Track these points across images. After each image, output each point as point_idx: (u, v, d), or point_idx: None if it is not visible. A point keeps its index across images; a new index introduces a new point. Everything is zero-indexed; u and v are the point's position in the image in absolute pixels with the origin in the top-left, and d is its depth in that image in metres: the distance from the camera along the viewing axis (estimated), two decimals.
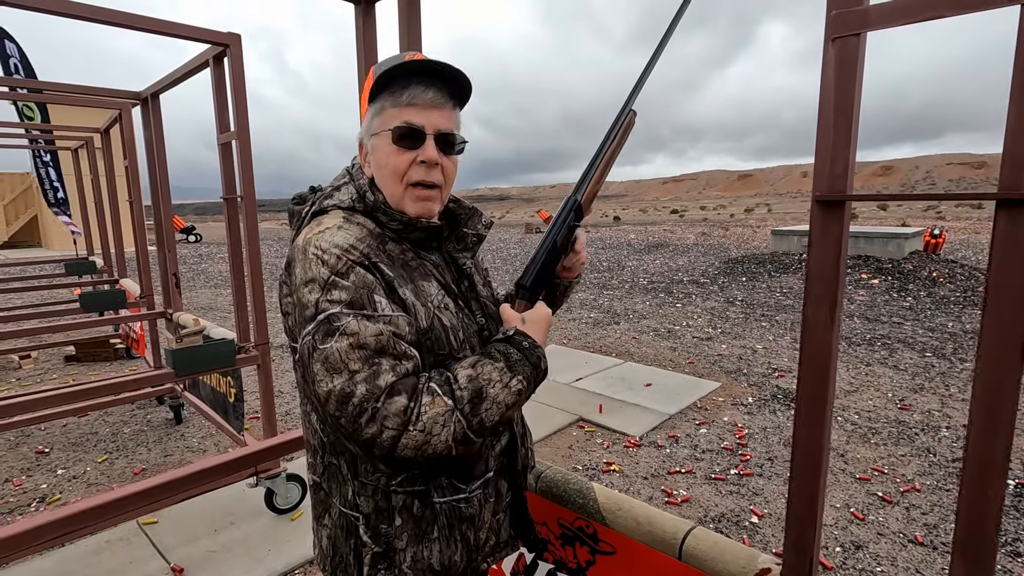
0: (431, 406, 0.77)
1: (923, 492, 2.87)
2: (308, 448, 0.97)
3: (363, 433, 0.76)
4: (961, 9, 0.74)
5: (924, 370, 4.87)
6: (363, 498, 0.88)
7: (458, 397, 0.79)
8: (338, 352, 0.76)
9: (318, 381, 0.77)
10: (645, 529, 1.19)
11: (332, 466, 0.91)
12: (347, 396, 0.75)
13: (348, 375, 0.75)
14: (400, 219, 0.90)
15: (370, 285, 0.81)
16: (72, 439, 3.65)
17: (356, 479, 0.89)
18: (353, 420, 0.75)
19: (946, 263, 9.41)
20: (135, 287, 4.31)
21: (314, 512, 0.98)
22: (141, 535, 2.52)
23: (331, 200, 0.92)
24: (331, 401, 0.76)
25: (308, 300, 0.79)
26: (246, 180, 2.44)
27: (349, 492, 0.89)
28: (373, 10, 1.71)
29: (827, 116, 0.89)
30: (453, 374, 0.82)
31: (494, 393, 0.81)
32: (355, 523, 0.89)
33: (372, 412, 0.75)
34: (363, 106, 0.94)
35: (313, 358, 0.77)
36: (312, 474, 0.96)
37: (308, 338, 0.79)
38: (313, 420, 0.92)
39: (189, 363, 2.31)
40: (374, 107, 0.90)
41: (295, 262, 0.83)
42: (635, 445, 3.48)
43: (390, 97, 0.88)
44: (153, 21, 2.22)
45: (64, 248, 12.45)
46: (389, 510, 0.88)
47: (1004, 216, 0.75)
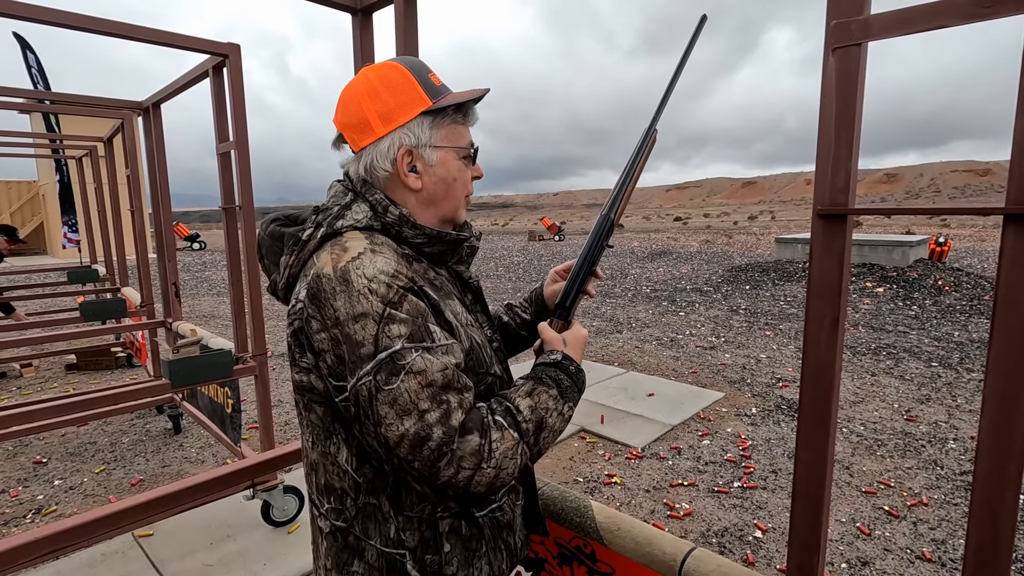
0: (501, 441, 0.76)
1: (931, 506, 2.82)
2: (328, 493, 0.86)
3: (440, 476, 0.73)
4: (964, 19, 0.72)
5: (930, 380, 4.81)
6: (409, 532, 0.84)
7: (524, 430, 0.79)
8: (407, 393, 0.72)
9: (387, 424, 0.72)
10: (644, 550, 1.16)
11: (369, 506, 0.84)
12: (422, 440, 0.72)
13: (418, 416, 0.72)
14: (427, 232, 0.87)
15: (423, 313, 0.77)
16: (70, 449, 3.63)
17: (401, 514, 0.84)
18: (431, 464, 0.73)
19: (952, 271, 9.35)
20: (136, 296, 4.31)
21: (335, 562, 0.88)
22: (136, 548, 2.49)
23: (343, 221, 0.83)
24: (403, 445, 0.72)
25: (363, 337, 0.73)
26: (245, 190, 2.43)
27: (392, 530, 0.84)
28: (371, 20, 1.71)
29: (828, 128, 0.87)
30: (514, 404, 0.81)
31: (551, 422, 0.83)
32: (400, 560, 0.85)
33: (449, 455, 0.73)
34: (396, 111, 0.84)
35: (378, 400, 0.72)
36: (334, 520, 0.86)
37: (369, 379, 0.72)
38: (342, 460, 0.84)
39: (186, 374, 2.30)
40: (437, 120, 0.86)
41: (331, 295, 0.74)
42: (637, 457, 3.44)
43: (457, 115, 0.88)
44: (154, 32, 2.23)
45: (69, 256, 12.52)
46: (436, 539, 0.85)
47: (1012, 230, 0.73)
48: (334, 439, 0.84)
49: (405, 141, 0.84)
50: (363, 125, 0.85)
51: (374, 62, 1.73)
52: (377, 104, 0.84)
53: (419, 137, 0.85)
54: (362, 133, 0.85)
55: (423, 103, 0.84)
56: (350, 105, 0.86)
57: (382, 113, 0.84)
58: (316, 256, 0.81)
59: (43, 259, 18.85)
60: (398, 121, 0.84)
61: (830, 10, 0.85)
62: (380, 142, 0.84)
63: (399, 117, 0.84)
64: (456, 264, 0.97)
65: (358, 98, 0.85)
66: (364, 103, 0.84)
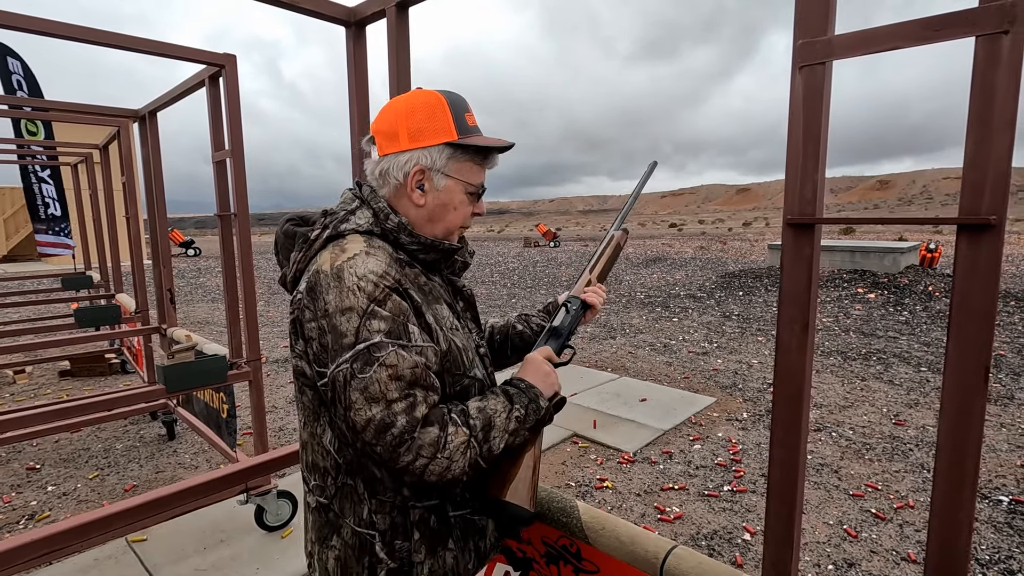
0: (455, 436, 0.84)
1: (916, 509, 2.86)
2: (314, 470, 0.95)
3: (399, 461, 0.81)
4: (917, 41, 0.77)
5: (919, 385, 4.87)
6: (380, 516, 0.91)
7: (472, 426, 0.87)
8: (378, 382, 0.79)
9: (356, 409, 0.80)
10: (628, 548, 1.19)
11: (347, 486, 0.92)
12: (386, 426, 0.80)
13: (386, 405, 0.80)
14: (422, 241, 0.94)
15: (405, 312, 0.85)
16: (64, 455, 3.63)
17: (374, 497, 0.91)
18: (392, 449, 0.80)
19: (942, 277, 9.45)
20: (131, 302, 4.33)
21: (318, 535, 0.97)
22: (130, 553, 2.50)
23: (347, 224, 0.91)
24: (369, 429, 0.80)
25: (346, 328, 0.80)
26: (240, 197, 2.47)
27: (365, 511, 0.91)
28: (364, 32, 1.75)
29: (796, 142, 0.91)
30: (466, 406, 0.89)
31: (499, 422, 0.90)
32: (370, 541, 0.91)
33: (409, 442, 0.80)
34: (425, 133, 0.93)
35: (351, 386, 0.80)
36: (318, 496, 0.95)
37: (346, 366, 0.80)
38: (326, 441, 0.92)
39: (180, 380, 2.32)
40: (457, 154, 0.94)
41: (325, 289, 0.83)
42: (629, 461, 3.47)
43: (477, 155, 0.97)
44: (151, 43, 2.27)
45: (62, 263, 12.48)
46: (406, 525, 0.92)
47: (964, 240, 0.77)
48: (320, 421, 0.92)
49: (422, 161, 0.93)
50: (393, 135, 0.94)
51: (367, 73, 1.78)
52: (410, 122, 0.93)
53: (435, 162, 0.93)
54: (390, 141, 0.94)
55: (449, 135, 0.93)
56: (389, 115, 0.95)
57: (412, 131, 0.93)
58: (319, 254, 0.89)
59: (36, 266, 18.77)
60: (423, 142, 0.93)
61: (797, 30, 0.89)
62: (401, 154, 0.93)
63: (425, 139, 0.93)
64: (449, 274, 1.05)
65: (397, 111, 0.94)
66: (400, 117, 0.93)
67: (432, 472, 0.82)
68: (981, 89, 0.74)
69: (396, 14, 1.57)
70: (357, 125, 1.76)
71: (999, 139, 0.73)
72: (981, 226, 0.75)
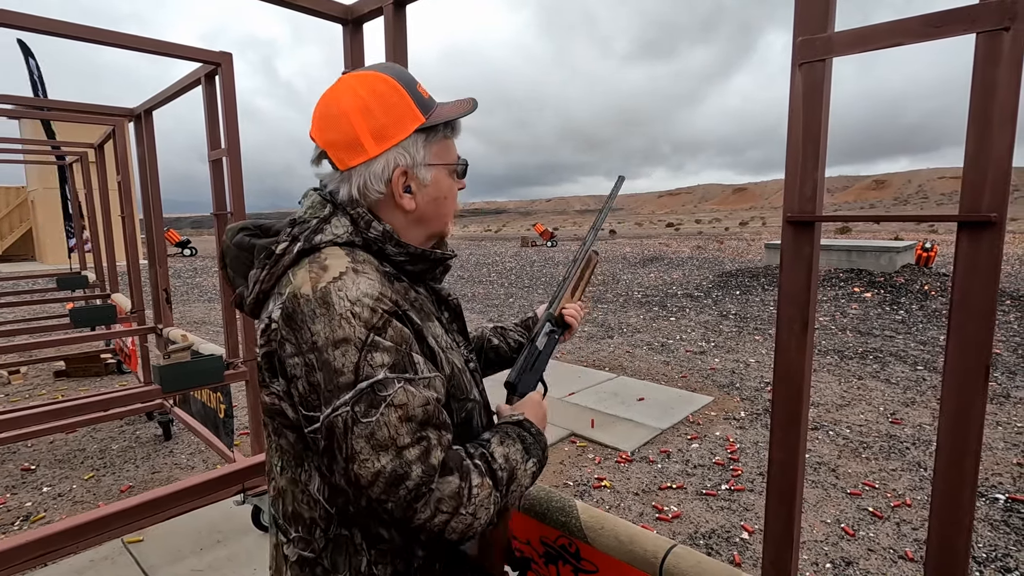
0: (480, 488, 0.73)
1: (914, 507, 2.87)
2: (295, 521, 0.81)
3: (416, 519, 0.69)
4: (918, 38, 0.76)
5: (916, 384, 4.88)
6: (381, 567, 0.80)
7: (499, 479, 0.76)
8: (387, 426, 0.68)
9: (361, 461, 0.68)
10: (627, 547, 1.19)
11: (342, 538, 0.79)
12: (399, 478, 0.68)
13: (396, 453, 0.68)
14: (410, 251, 0.83)
15: (407, 340, 0.73)
16: (59, 456, 3.61)
17: (374, 548, 0.80)
18: (407, 506, 0.68)
19: (938, 276, 9.48)
20: (126, 302, 4.30)
21: None
22: (126, 554, 2.48)
23: (322, 235, 0.78)
24: (378, 484, 0.68)
25: (342, 364, 0.68)
26: (236, 197, 2.45)
27: (363, 563, 0.79)
28: (361, 30, 1.74)
29: (796, 139, 0.91)
30: (489, 451, 0.79)
31: (519, 476, 0.80)
32: None
33: (427, 495, 0.69)
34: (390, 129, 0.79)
35: (353, 433, 0.67)
36: (303, 550, 0.81)
37: (345, 409, 0.67)
38: (313, 489, 0.78)
39: (176, 379, 2.31)
40: (430, 137, 0.83)
41: (309, 318, 0.70)
42: (627, 460, 3.47)
43: (447, 129, 0.85)
44: (148, 41, 2.25)
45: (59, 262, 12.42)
46: (408, 572, 0.82)
47: (965, 238, 0.77)
48: (305, 466, 0.79)
49: (401, 162, 0.80)
50: (353, 143, 0.78)
51: None
52: (369, 122, 0.78)
53: (414, 157, 0.81)
54: (351, 152, 0.79)
55: (416, 120, 0.80)
56: (337, 121, 0.79)
57: (375, 131, 0.78)
58: (292, 273, 0.75)
59: (32, 265, 18.68)
60: (392, 140, 0.79)
61: (797, 28, 0.89)
62: (373, 163, 0.79)
63: (393, 135, 0.79)
64: (431, 282, 0.93)
65: (347, 114, 0.78)
66: (355, 120, 0.78)
67: (454, 529, 0.71)
68: (982, 86, 0.73)
69: (393, 12, 1.56)
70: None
71: (1000, 136, 0.73)
72: (981, 223, 0.74)
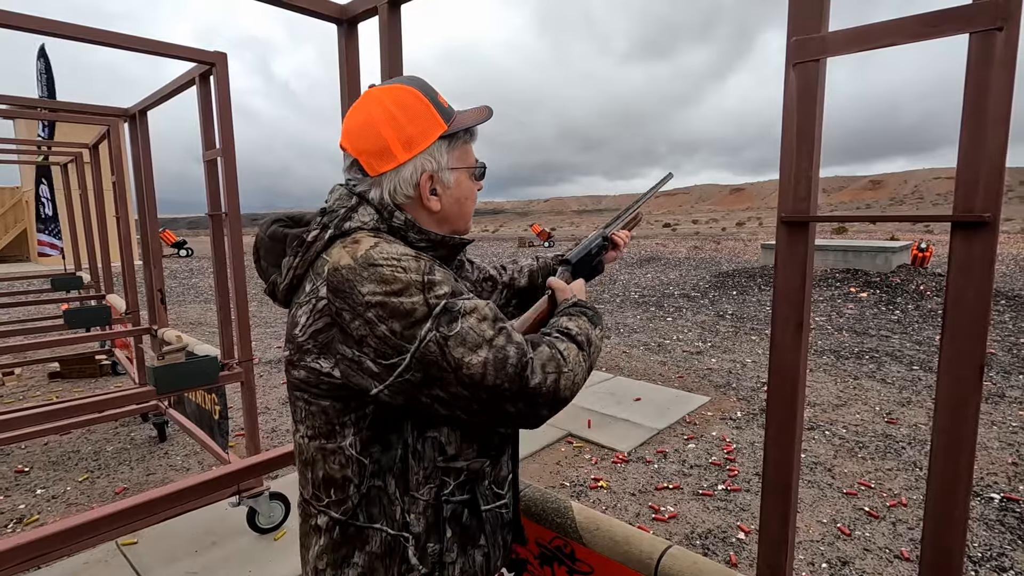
0: (568, 350, 0.83)
1: (909, 507, 2.87)
2: (328, 485, 0.86)
3: (530, 385, 0.77)
4: (913, 37, 0.76)
5: (911, 383, 4.89)
6: (414, 515, 0.86)
7: (579, 342, 0.87)
8: (471, 329, 0.76)
9: (466, 363, 0.75)
10: (622, 548, 1.19)
11: (375, 489, 0.85)
12: (502, 360, 0.76)
13: (488, 344, 0.76)
14: (431, 237, 0.90)
15: (451, 274, 0.83)
16: (53, 458, 3.59)
17: (407, 494, 0.86)
18: (518, 376, 0.76)
19: (933, 276, 9.51)
20: (121, 303, 4.28)
21: (333, 558, 0.88)
22: (120, 556, 2.47)
23: (351, 223, 0.85)
24: (488, 373, 0.75)
25: (411, 305, 0.75)
26: (231, 197, 2.44)
27: (398, 512, 0.86)
28: (356, 30, 1.74)
29: (790, 140, 0.91)
30: (561, 327, 0.89)
31: (594, 339, 0.91)
32: (404, 546, 0.86)
33: (531, 363, 0.78)
34: (417, 137, 0.87)
35: (449, 347, 0.75)
36: (335, 512, 0.86)
37: (432, 334, 0.75)
38: (346, 445, 0.84)
39: (171, 381, 2.29)
40: (452, 143, 0.90)
41: (359, 281, 0.76)
42: (623, 461, 3.46)
43: (467, 135, 0.93)
44: (142, 40, 2.24)
45: (53, 263, 12.37)
46: (439, 524, 0.88)
47: (959, 237, 0.77)
48: (337, 429, 0.84)
49: (427, 167, 0.88)
50: (383, 151, 0.86)
51: (359, 72, 1.77)
52: (398, 131, 0.86)
53: (439, 161, 0.89)
54: (382, 159, 0.86)
55: (440, 128, 0.88)
56: (368, 131, 0.86)
57: (403, 140, 0.86)
58: (326, 254, 0.82)
59: (26, 266, 18.59)
60: (419, 147, 0.87)
61: (791, 28, 0.89)
62: (402, 168, 0.87)
63: (420, 143, 0.87)
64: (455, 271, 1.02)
65: (376, 124, 0.86)
66: (384, 130, 0.86)
67: (565, 387, 0.80)
68: (975, 86, 0.73)
69: (388, 12, 1.55)
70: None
71: (993, 136, 0.73)
72: (975, 223, 0.75)
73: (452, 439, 0.87)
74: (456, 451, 0.88)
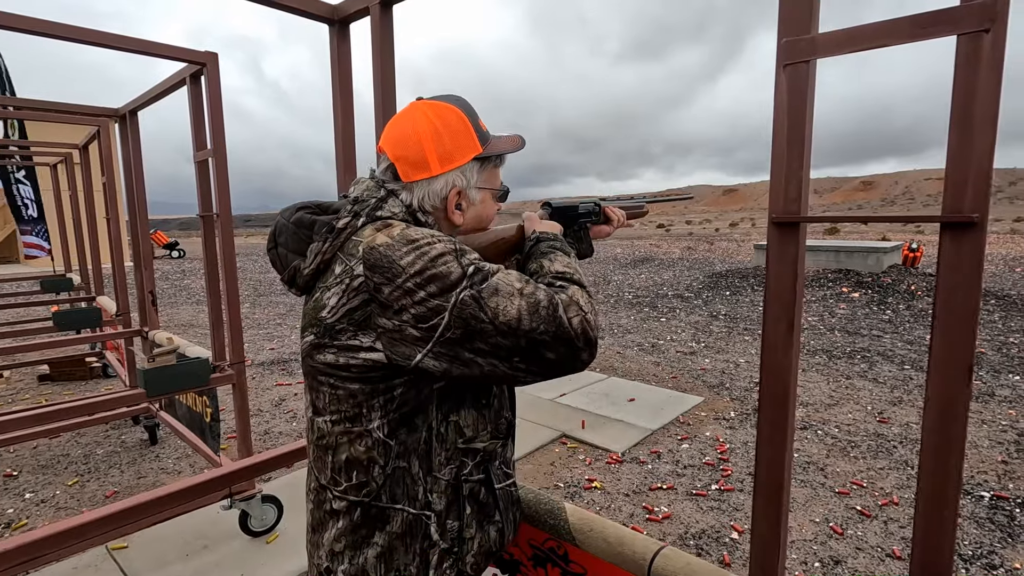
0: (575, 293, 0.86)
1: (901, 505, 2.89)
2: (351, 468, 0.88)
3: (564, 325, 0.80)
4: (904, 39, 0.77)
5: (903, 383, 4.93)
6: (436, 495, 0.90)
7: (577, 280, 0.91)
8: (501, 282, 0.81)
9: (503, 309, 0.79)
10: (615, 550, 1.18)
11: (399, 470, 0.88)
12: (535, 304, 0.80)
13: (519, 292, 0.81)
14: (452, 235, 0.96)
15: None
16: (42, 461, 3.55)
17: (429, 474, 0.90)
18: (551, 318, 0.80)
19: (924, 276, 9.59)
20: (112, 305, 4.25)
21: (351, 541, 0.90)
22: (110, 560, 2.45)
23: (382, 212, 0.90)
24: (524, 316, 0.79)
25: (448, 270, 0.80)
26: (222, 197, 2.43)
27: (420, 492, 0.90)
28: (348, 30, 1.73)
29: (781, 140, 0.91)
30: (554, 273, 0.92)
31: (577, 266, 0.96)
32: (426, 523, 0.90)
33: (561, 305, 0.81)
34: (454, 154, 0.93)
35: (483, 297, 0.79)
36: (356, 495, 0.89)
37: (467, 291, 0.79)
38: (373, 427, 0.86)
39: (161, 383, 2.28)
40: (483, 165, 0.97)
41: (398, 256, 0.80)
42: (617, 461, 3.47)
43: (498, 160, 1.00)
44: (132, 40, 2.22)
45: (43, 265, 12.26)
46: (459, 501, 0.93)
47: (948, 238, 0.77)
48: (364, 411, 0.87)
49: (458, 183, 0.94)
50: (421, 162, 0.92)
51: (351, 72, 1.76)
52: (438, 146, 0.92)
53: (469, 180, 0.95)
54: (417, 168, 0.92)
55: (475, 149, 0.95)
56: (409, 141, 0.92)
57: (441, 155, 0.92)
58: (357, 236, 0.86)
59: (16, 268, 18.41)
60: (454, 164, 0.93)
61: (781, 28, 0.89)
62: (435, 180, 0.93)
63: (455, 160, 0.93)
64: None
65: (419, 136, 0.92)
66: (426, 143, 0.92)
67: (593, 325, 0.83)
68: (963, 88, 0.74)
69: (380, 12, 1.55)
70: (341, 124, 1.74)
71: (980, 138, 0.73)
72: (964, 224, 0.75)
73: (469, 421, 0.93)
74: (473, 433, 0.93)
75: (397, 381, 0.85)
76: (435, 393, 0.88)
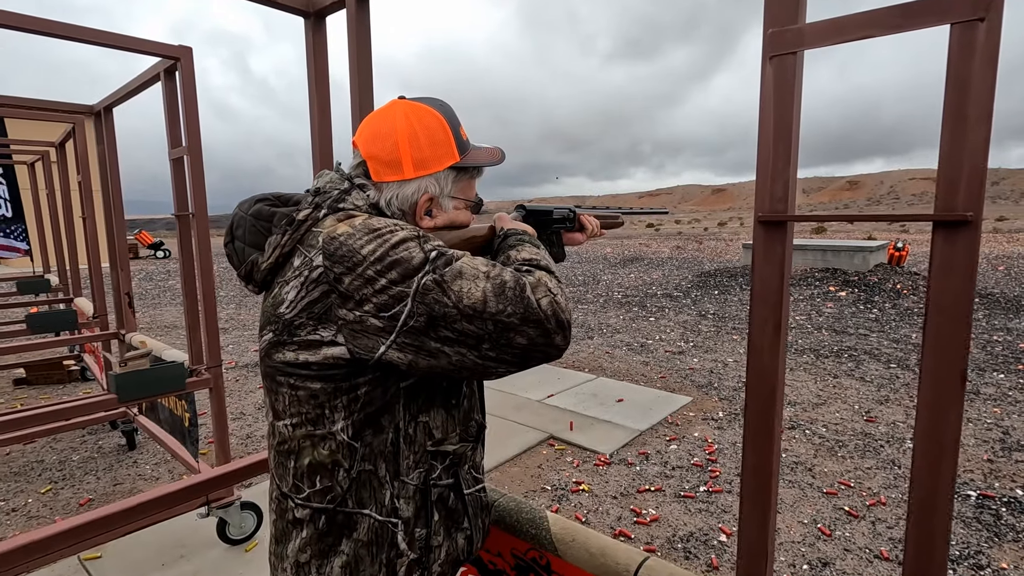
0: (541, 276, 0.83)
1: (888, 505, 2.89)
2: (314, 472, 0.84)
3: (532, 305, 0.77)
4: (889, 29, 0.73)
5: (889, 381, 4.95)
6: (403, 500, 0.86)
7: (544, 266, 0.89)
8: (466, 266, 0.78)
9: (467, 292, 0.76)
10: (598, 560, 1.15)
11: (365, 473, 0.84)
12: (500, 286, 0.77)
13: (484, 275, 0.78)
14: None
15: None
16: (15, 468, 3.45)
17: (397, 479, 0.86)
18: (518, 298, 0.77)
19: (909, 275, 9.67)
20: (90, 306, 4.14)
21: (317, 549, 0.85)
22: (83, 572, 2.37)
23: (344, 204, 0.86)
24: (490, 299, 0.76)
25: (410, 254, 0.77)
26: (198, 196, 2.36)
27: (387, 497, 0.85)
28: (323, 23, 1.68)
29: (767, 137, 0.88)
30: (522, 260, 0.90)
31: (545, 256, 0.94)
32: (392, 532, 0.86)
33: (527, 286, 0.78)
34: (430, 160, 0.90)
35: (446, 281, 0.76)
36: (320, 502, 0.84)
37: (428, 276, 0.76)
38: (337, 430, 0.82)
39: (133, 388, 2.20)
40: (459, 175, 0.94)
41: (359, 245, 0.76)
42: (605, 463, 3.44)
43: (475, 171, 0.97)
44: (103, 34, 2.15)
45: (22, 266, 12.01)
46: (427, 508, 0.89)
47: (941, 237, 0.74)
48: (327, 412, 0.82)
49: (430, 190, 0.91)
50: (394, 163, 0.89)
51: (327, 66, 1.71)
52: (415, 150, 0.89)
53: (442, 188, 0.92)
54: (390, 169, 0.89)
55: (452, 158, 0.91)
56: (385, 140, 0.88)
57: (416, 160, 0.89)
58: (317, 227, 0.82)
59: None
60: (429, 170, 0.90)
61: (767, 19, 0.86)
62: (406, 184, 0.89)
63: (430, 166, 0.90)
64: None
65: (396, 138, 0.88)
66: (402, 145, 0.88)
67: (561, 307, 0.79)
68: (956, 80, 0.70)
69: (356, 5, 1.50)
70: (318, 119, 1.69)
71: (975, 133, 0.70)
72: (957, 223, 0.72)
73: (438, 423, 0.88)
74: (443, 435, 0.89)
75: (361, 379, 0.80)
76: (402, 392, 0.83)
